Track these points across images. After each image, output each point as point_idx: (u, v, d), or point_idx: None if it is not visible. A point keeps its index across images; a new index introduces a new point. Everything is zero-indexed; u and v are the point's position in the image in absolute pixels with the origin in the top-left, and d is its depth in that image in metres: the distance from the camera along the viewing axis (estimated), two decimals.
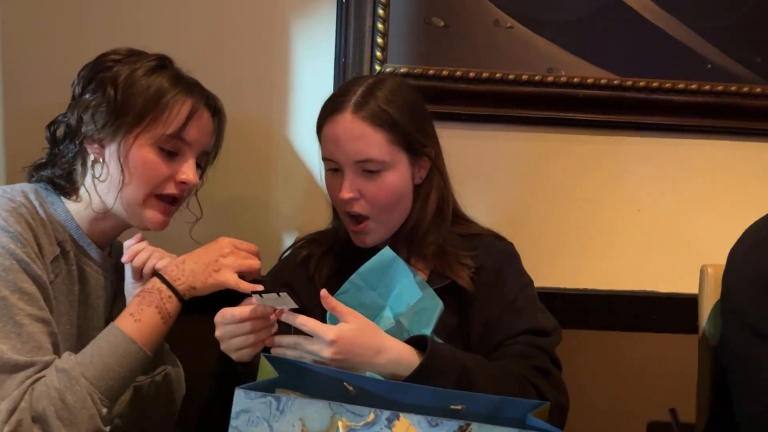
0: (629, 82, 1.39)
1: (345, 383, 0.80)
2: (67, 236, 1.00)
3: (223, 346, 0.91)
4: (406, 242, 1.09)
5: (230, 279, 0.97)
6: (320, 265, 1.13)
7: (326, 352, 0.86)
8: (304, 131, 1.39)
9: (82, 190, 1.01)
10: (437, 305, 1.01)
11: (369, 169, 1.04)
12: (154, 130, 0.98)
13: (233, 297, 0.98)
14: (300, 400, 0.74)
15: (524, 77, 1.38)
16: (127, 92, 0.97)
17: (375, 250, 1.05)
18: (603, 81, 1.39)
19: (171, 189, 1.01)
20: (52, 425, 0.86)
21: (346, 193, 1.04)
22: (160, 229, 1.03)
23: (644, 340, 1.47)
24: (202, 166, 1.08)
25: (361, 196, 1.05)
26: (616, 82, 1.39)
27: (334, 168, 1.07)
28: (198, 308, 1.01)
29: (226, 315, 0.90)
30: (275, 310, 0.90)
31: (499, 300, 1.07)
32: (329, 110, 1.07)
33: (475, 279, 1.07)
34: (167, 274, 0.98)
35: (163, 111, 0.98)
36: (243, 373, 0.91)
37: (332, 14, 1.35)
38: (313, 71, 1.38)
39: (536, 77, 1.38)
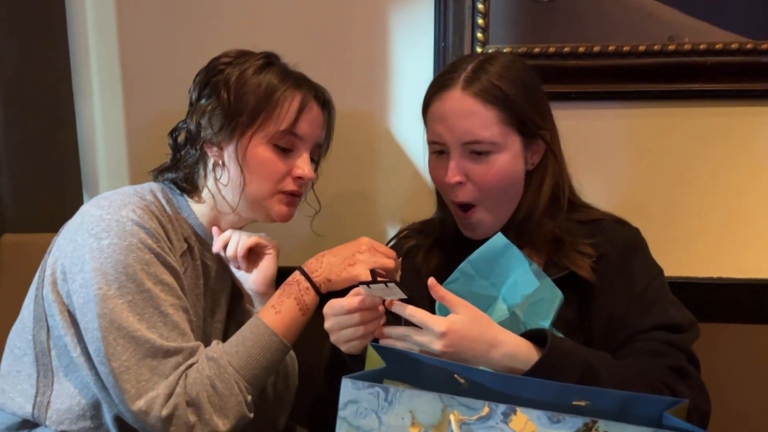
0: (765, 46, 1.24)
1: (456, 375, 0.76)
2: (191, 232, 1.04)
3: (332, 338, 0.90)
4: (517, 232, 1.02)
5: (363, 273, 0.97)
6: (428, 258, 1.09)
7: (436, 345, 0.81)
8: (406, 121, 1.37)
9: (205, 192, 1.05)
10: (556, 296, 0.93)
11: (477, 151, 0.98)
12: (267, 128, 1.00)
13: (343, 290, 0.97)
14: (409, 391, 0.71)
15: (641, 48, 1.27)
16: (239, 93, 1.00)
17: (485, 240, 0.99)
18: (734, 46, 1.25)
19: (290, 185, 1.03)
20: (205, 410, 0.91)
21: (452, 177, 0.99)
22: (285, 220, 1.05)
23: None
24: (315, 160, 1.09)
25: (468, 180, 0.99)
26: (749, 46, 1.25)
27: (439, 150, 1.02)
28: None
29: (335, 306, 0.88)
30: (384, 300, 0.87)
31: (626, 292, 0.97)
32: (437, 87, 1.02)
33: (597, 269, 0.98)
34: (306, 267, 1.02)
35: (275, 108, 1.00)
36: (352, 365, 0.90)
37: None
38: (412, 59, 1.35)
39: (655, 47, 1.26)
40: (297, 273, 1.01)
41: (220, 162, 1.03)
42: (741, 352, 1.31)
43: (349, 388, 0.72)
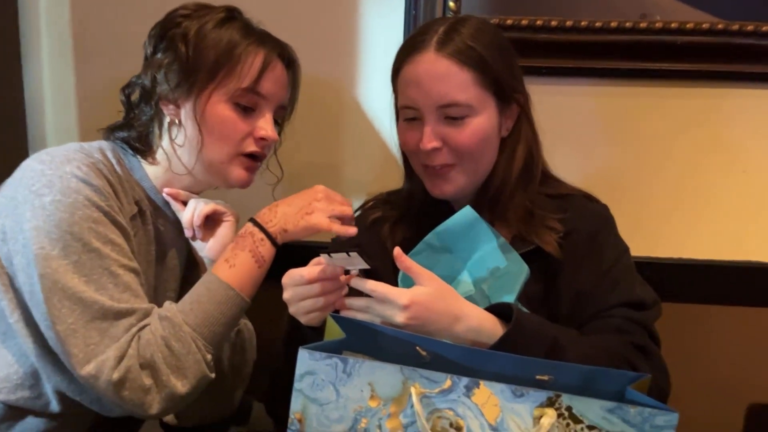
0: (735, 27, 1.24)
1: (418, 347, 0.73)
2: (144, 196, 0.99)
3: (291, 309, 0.87)
4: (490, 205, 1.00)
5: (322, 221, 0.94)
6: (394, 231, 1.06)
7: (399, 318, 0.79)
8: (374, 89, 1.33)
9: (159, 153, 0.99)
10: (522, 270, 0.92)
11: (453, 116, 0.95)
12: (228, 85, 0.95)
13: (300, 259, 0.94)
14: (369, 363, 0.68)
15: (613, 24, 1.25)
16: (199, 47, 0.94)
17: (453, 212, 0.97)
18: (705, 26, 1.24)
19: (251, 147, 0.98)
20: (161, 371, 0.86)
21: (428, 143, 0.95)
22: (245, 186, 1.01)
23: (748, 315, 1.33)
24: (279, 122, 1.05)
25: (444, 145, 0.96)
26: (720, 26, 1.24)
27: (412, 117, 0.99)
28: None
29: (294, 276, 0.85)
30: (346, 271, 0.84)
31: (593, 268, 0.96)
32: (408, 50, 0.97)
33: (564, 245, 0.97)
34: (259, 218, 0.97)
35: (236, 64, 0.95)
36: (312, 338, 0.86)
37: None
38: (382, 26, 1.31)
39: (627, 24, 1.25)
40: (249, 225, 0.96)
41: (177, 120, 0.97)
42: (695, 331, 1.33)
43: (306, 359, 0.69)
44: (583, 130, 1.32)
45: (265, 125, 0.98)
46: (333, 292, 0.84)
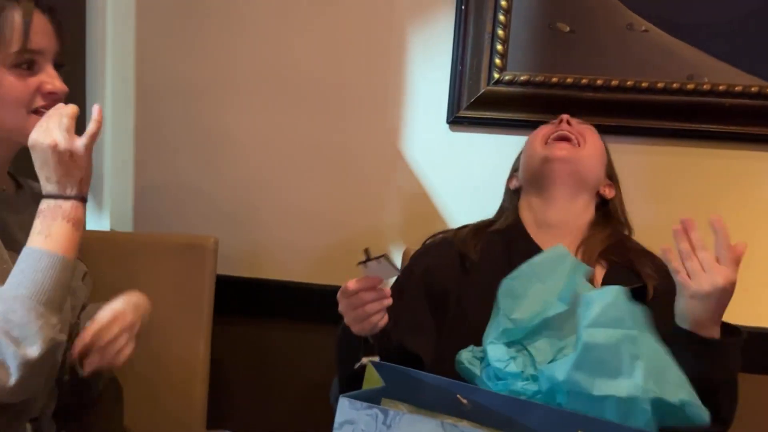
0: None
1: (458, 396, 0.72)
2: None
3: (345, 320, 0.93)
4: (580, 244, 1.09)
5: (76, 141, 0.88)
6: (476, 239, 1.11)
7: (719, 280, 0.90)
8: (418, 142, 1.35)
9: None
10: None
11: None
12: None
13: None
14: (409, 416, 0.67)
15: (660, 85, 1.26)
16: None
17: (528, 239, 1.08)
18: (754, 89, 1.24)
19: (40, 102, 0.94)
20: (4, 345, 0.83)
21: (566, 126, 1.12)
22: None
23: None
24: (63, 66, 0.99)
25: (573, 137, 1.11)
26: None
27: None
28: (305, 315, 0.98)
29: (343, 289, 0.91)
30: (382, 280, 0.89)
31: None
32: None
33: (656, 295, 1.02)
34: (54, 190, 0.90)
35: None
36: (356, 344, 0.93)
37: (450, 21, 1.31)
38: (428, 80, 1.35)
39: (674, 85, 1.26)
40: (49, 201, 0.90)
41: None
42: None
43: (346, 408, 0.68)
44: (628, 188, 1.31)
45: (49, 79, 0.94)
46: (373, 301, 0.89)
